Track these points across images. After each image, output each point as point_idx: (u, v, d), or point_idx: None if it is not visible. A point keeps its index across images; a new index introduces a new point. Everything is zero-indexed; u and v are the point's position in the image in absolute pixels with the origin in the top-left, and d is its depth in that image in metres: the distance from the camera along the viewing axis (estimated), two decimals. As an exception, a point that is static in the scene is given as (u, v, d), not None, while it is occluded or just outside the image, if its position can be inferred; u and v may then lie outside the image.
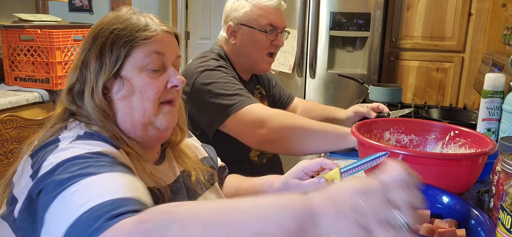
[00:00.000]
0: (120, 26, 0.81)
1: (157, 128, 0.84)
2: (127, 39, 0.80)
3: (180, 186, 0.90)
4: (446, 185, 0.83)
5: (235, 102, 1.29)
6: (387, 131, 1.10)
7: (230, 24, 1.47)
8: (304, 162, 0.98)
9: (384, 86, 2.01)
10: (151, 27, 0.82)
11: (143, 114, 0.82)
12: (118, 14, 0.84)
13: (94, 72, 0.79)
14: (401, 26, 2.74)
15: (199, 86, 1.34)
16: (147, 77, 0.81)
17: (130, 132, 0.83)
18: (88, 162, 0.66)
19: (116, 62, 0.79)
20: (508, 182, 0.67)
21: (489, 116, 1.20)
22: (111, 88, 0.80)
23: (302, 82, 2.78)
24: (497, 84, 1.18)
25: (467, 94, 2.68)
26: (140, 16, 0.84)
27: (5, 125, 1.11)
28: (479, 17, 2.58)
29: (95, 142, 0.73)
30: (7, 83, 2.16)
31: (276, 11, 1.47)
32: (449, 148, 1.04)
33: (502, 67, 1.69)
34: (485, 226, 0.72)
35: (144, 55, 0.80)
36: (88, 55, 0.80)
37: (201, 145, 1.10)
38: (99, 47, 0.80)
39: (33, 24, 2.12)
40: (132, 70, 0.80)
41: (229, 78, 1.36)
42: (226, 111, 1.29)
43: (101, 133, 0.77)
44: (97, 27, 0.83)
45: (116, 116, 0.82)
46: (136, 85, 0.80)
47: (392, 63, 2.81)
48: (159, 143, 0.91)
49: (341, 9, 2.64)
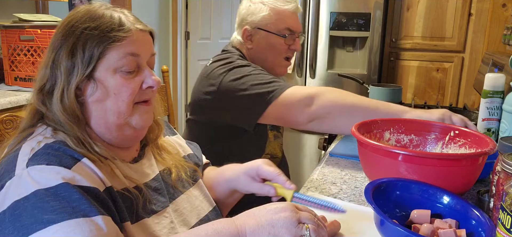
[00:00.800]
0: (93, 24, 0.77)
1: (133, 127, 0.82)
2: (100, 40, 0.76)
3: (159, 185, 0.87)
4: (446, 185, 0.83)
5: (274, 88, 1.27)
6: (387, 131, 1.10)
7: (246, 27, 1.45)
8: (262, 166, 0.92)
9: (384, 86, 2.01)
10: (125, 26, 0.79)
11: (118, 116, 0.80)
12: (90, 9, 0.80)
13: (66, 72, 0.76)
14: (401, 26, 2.73)
15: (228, 84, 1.30)
16: (121, 78, 0.78)
17: (104, 134, 0.81)
18: (43, 207, 0.64)
19: (89, 63, 0.76)
20: (508, 182, 0.67)
21: (489, 116, 1.20)
22: (84, 90, 0.77)
23: (302, 82, 2.78)
24: (497, 84, 1.18)
25: (467, 94, 2.68)
26: (113, 13, 0.80)
27: (5, 125, 1.11)
28: (479, 17, 2.58)
29: (51, 168, 0.68)
30: (7, 83, 2.16)
31: (293, 15, 1.47)
32: (449, 148, 1.04)
33: (502, 67, 1.69)
34: (485, 226, 0.72)
35: (119, 57, 0.77)
36: (59, 54, 0.77)
37: (186, 143, 1.09)
38: (70, 46, 0.76)
39: (33, 24, 2.12)
40: (105, 72, 0.77)
41: (260, 70, 1.34)
42: (267, 98, 1.26)
43: (66, 142, 0.74)
44: (68, 24, 0.78)
45: (89, 119, 0.79)
46: (110, 87, 0.78)
47: (392, 63, 2.81)
48: (136, 142, 0.89)
49: (341, 9, 2.64)
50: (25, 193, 0.65)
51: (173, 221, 0.85)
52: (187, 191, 0.94)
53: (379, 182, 0.83)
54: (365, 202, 0.97)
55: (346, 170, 1.19)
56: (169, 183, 0.91)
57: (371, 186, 0.80)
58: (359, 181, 1.10)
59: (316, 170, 1.20)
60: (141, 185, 0.81)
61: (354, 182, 1.10)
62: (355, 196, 1.01)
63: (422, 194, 0.83)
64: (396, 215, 0.82)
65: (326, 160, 1.28)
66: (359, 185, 1.08)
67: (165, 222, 0.83)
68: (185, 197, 0.93)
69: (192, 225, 0.89)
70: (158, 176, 0.89)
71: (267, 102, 1.26)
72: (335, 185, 1.07)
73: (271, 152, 1.53)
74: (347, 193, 1.02)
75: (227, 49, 1.50)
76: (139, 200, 0.79)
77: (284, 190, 0.87)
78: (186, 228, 0.88)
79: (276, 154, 1.55)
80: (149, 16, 3.49)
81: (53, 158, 0.70)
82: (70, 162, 0.71)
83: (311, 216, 0.71)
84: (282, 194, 0.87)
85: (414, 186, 0.84)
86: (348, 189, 1.05)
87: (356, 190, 1.05)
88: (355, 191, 1.04)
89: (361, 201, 0.98)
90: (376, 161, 0.91)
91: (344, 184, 1.09)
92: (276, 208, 0.71)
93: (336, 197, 1.00)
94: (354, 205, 0.95)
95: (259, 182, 0.92)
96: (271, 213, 0.70)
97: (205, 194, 0.99)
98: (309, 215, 0.71)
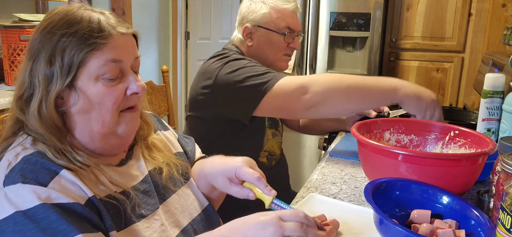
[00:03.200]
0: (70, 30, 0.73)
1: (119, 136, 0.80)
2: (79, 47, 0.72)
3: (148, 187, 0.84)
4: (446, 185, 0.83)
5: (269, 79, 1.28)
6: (387, 131, 1.10)
7: (247, 25, 1.47)
8: (242, 168, 0.85)
9: (384, 86, 2.01)
10: (105, 31, 0.74)
11: (102, 125, 0.77)
12: (67, 12, 0.75)
13: (44, 81, 0.72)
14: (401, 26, 2.74)
15: (224, 77, 1.31)
16: (104, 86, 0.75)
17: (87, 143, 0.78)
18: (17, 232, 0.63)
19: (69, 72, 0.72)
20: (508, 182, 0.67)
21: (489, 116, 1.20)
22: (66, 99, 0.74)
23: (302, 82, 2.78)
24: (497, 84, 1.18)
25: (467, 94, 2.68)
26: (92, 14, 0.75)
27: (5, 125, 1.11)
28: (479, 17, 2.58)
29: (27, 188, 0.66)
30: (7, 83, 2.16)
31: (293, 14, 1.50)
32: (449, 148, 1.04)
33: (502, 67, 1.69)
34: (485, 227, 0.72)
35: (100, 64, 0.73)
36: (36, 62, 0.73)
37: (180, 137, 1.06)
38: (49, 53, 0.72)
39: (33, 24, 2.12)
40: (87, 80, 0.73)
41: (255, 62, 1.36)
42: (262, 89, 1.27)
43: (45, 153, 0.71)
44: (45, 28, 0.74)
45: (73, 128, 0.76)
46: (92, 97, 0.74)
47: (392, 63, 2.81)
48: (122, 150, 0.86)
49: (341, 9, 2.64)
50: (4, 215, 0.65)
51: (163, 224, 0.83)
52: (179, 190, 0.92)
53: (379, 182, 0.83)
54: (365, 202, 0.97)
55: (346, 170, 1.19)
56: (160, 182, 0.88)
57: (371, 185, 0.80)
58: (359, 181, 1.10)
59: (316, 170, 1.20)
60: (128, 189, 0.78)
61: (354, 182, 1.10)
62: (355, 196, 1.01)
63: (422, 194, 0.83)
64: (396, 215, 0.82)
65: (326, 160, 1.28)
66: (359, 185, 1.08)
67: (155, 225, 0.81)
68: (177, 197, 0.90)
69: (183, 226, 0.87)
70: (147, 177, 0.86)
71: (262, 93, 1.27)
72: (335, 185, 1.07)
73: (269, 150, 1.53)
74: (347, 193, 1.02)
75: (226, 47, 1.52)
76: (127, 205, 0.76)
77: (263, 195, 0.82)
78: (177, 230, 0.85)
79: (274, 151, 1.56)
80: (149, 16, 3.49)
81: (29, 175, 0.68)
82: (47, 177, 0.68)
83: (296, 226, 0.67)
84: (262, 198, 0.83)
85: (414, 186, 0.84)
86: (348, 189, 1.05)
87: (356, 190, 1.05)
88: (355, 191, 1.04)
89: (361, 201, 0.98)
90: (376, 161, 0.91)
91: (344, 184, 1.09)
92: (259, 223, 0.68)
93: (336, 197, 1.00)
94: (354, 205, 0.95)
95: (237, 183, 0.86)
96: (253, 230, 0.68)
97: (197, 192, 0.96)
98: (295, 225, 0.68)
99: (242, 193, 0.85)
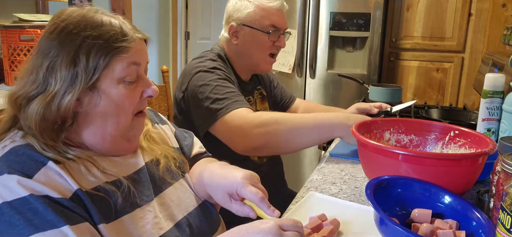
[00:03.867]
0: (94, 32, 0.74)
1: (129, 139, 0.82)
2: (106, 50, 0.74)
3: (143, 176, 0.84)
4: (446, 185, 0.83)
5: (222, 107, 1.29)
6: (387, 131, 1.10)
7: (232, 24, 1.47)
8: (244, 187, 0.81)
9: (384, 86, 2.01)
10: (128, 35, 0.77)
11: (116, 128, 0.78)
12: (85, 15, 0.76)
13: (63, 81, 0.72)
14: (401, 26, 2.74)
15: (193, 87, 1.35)
16: (125, 89, 0.77)
17: (95, 144, 0.78)
18: (5, 223, 0.63)
19: (94, 73, 0.73)
20: (508, 182, 0.67)
21: (489, 116, 1.20)
22: (86, 100, 0.75)
23: (302, 82, 2.78)
24: (497, 84, 1.18)
25: (467, 94, 2.68)
26: (111, 20, 0.77)
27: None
28: (479, 17, 2.58)
29: (12, 178, 0.66)
30: (7, 83, 2.16)
31: (278, 12, 1.48)
32: (449, 148, 1.04)
33: (502, 67, 1.70)
34: (486, 228, 0.73)
35: (123, 67, 0.76)
36: (54, 61, 0.72)
37: (178, 132, 1.06)
38: (72, 54, 0.72)
39: (33, 24, 2.12)
40: (110, 82, 0.75)
41: (220, 81, 1.35)
42: (214, 115, 1.29)
43: (33, 145, 0.71)
44: (64, 29, 0.74)
45: (80, 129, 0.76)
46: (113, 98, 0.76)
47: (392, 63, 2.81)
48: (125, 153, 0.85)
49: (341, 9, 2.64)
50: None
51: (157, 216, 0.82)
52: (175, 182, 0.91)
53: (380, 180, 0.83)
54: (365, 202, 0.97)
55: (346, 170, 1.19)
56: (157, 174, 0.87)
57: (373, 183, 0.80)
58: (359, 181, 1.10)
59: (316, 170, 1.20)
60: (121, 178, 0.78)
61: (354, 182, 1.10)
62: (355, 196, 1.01)
63: (424, 193, 0.83)
64: (397, 214, 0.82)
65: (326, 160, 1.28)
66: (359, 185, 1.08)
67: (149, 216, 0.80)
68: (173, 190, 0.90)
69: (177, 220, 0.86)
70: (144, 168, 0.86)
71: (213, 119, 1.30)
72: (335, 185, 1.07)
73: None
74: (347, 193, 1.03)
75: (213, 47, 1.53)
76: (118, 196, 0.76)
77: (265, 215, 0.78)
78: (171, 223, 0.84)
79: None
80: (149, 16, 3.49)
81: (15, 165, 0.67)
82: (33, 168, 0.68)
83: (296, 236, 0.68)
84: (263, 217, 0.79)
85: (415, 184, 0.84)
86: (348, 189, 1.05)
87: (356, 190, 1.05)
88: (355, 191, 1.04)
89: (361, 201, 0.98)
90: (376, 161, 0.91)
91: (344, 184, 1.09)
92: (260, 232, 0.68)
93: (336, 197, 1.00)
94: (354, 204, 0.95)
95: (238, 200, 0.84)
96: (257, 235, 0.68)
97: (191, 187, 0.95)
98: (294, 235, 0.68)
99: (242, 211, 0.83)
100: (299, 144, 1.29)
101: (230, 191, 0.84)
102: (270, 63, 1.53)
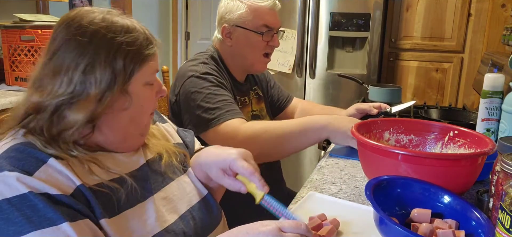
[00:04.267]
0: (128, 38, 0.77)
1: (142, 137, 0.86)
2: (139, 56, 0.79)
3: (145, 172, 0.85)
4: (446, 185, 0.84)
5: (214, 117, 1.29)
6: (387, 131, 1.10)
7: (225, 25, 1.46)
8: (236, 161, 0.84)
9: (383, 86, 2.01)
10: (152, 42, 0.83)
11: (138, 127, 0.83)
12: (112, 20, 0.78)
13: (101, 82, 0.74)
14: (401, 27, 2.74)
15: (185, 93, 1.36)
16: (148, 91, 0.83)
17: (108, 142, 0.81)
18: (4, 220, 0.63)
19: (130, 76, 0.78)
20: (507, 182, 0.68)
21: (489, 116, 1.20)
22: (118, 102, 0.77)
23: (302, 82, 2.79)
24: (496, 84, 1.18)
25: (466, 94, 2.69)
26: (136, 25, 0.81)
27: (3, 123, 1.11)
28: (479, 17, 2.58)
29: (13, 176, 0.65)
30: (8, 83, 2.16)
31: (271, 11, 1.47)
32: (449, 148, 1.04)
33: (501, 67, 1.70)
34: (485, 228, 0.73)
35: (150, 73, 0.82)
36: (91, 64, 0.74)
37: (179, 130, 1.08)
38: (109, 57, 0.75)
39: (34, 25, 2.13)
40: (138, 85, 0.80)
41: (212, 88, 1.34)
42: (205, 124, 1.30)
43: (34, 144, 0.71)
44: (96, 32, 0.75)
45: (102, 127, 0.78)
46: (140, 100, 0.81)
47: (391, 63, 2.81)
48: (134, 150, 0.87)
49: (341, 9, 2.64)
50: None
51: (160, 210, 0.83)
52: (178, 177, 0.93)
53: (380, 179, 0.83)
54: (364, 202, 0.97)
55: (346, 170, 1.19)
56: (159, 170, 0.89)
57: (372, 183, 0.80)
58: (359, 181, 1.11)
59: (316, 170, 1.20)
60: (124, 175, 0.79)
61: (354, 182, 1.10)
62: (354, 196, 1.01)
63: (423, 193, 0.83)
64: (396, 213, 0.82)
65: (326, 160, 1.28)
66: (359, 185, 1.08)
67: (151, 210, 0.81)
68: (176, 184, 0.91)
69: (182, 213, 0.87)
70: (145, 164, 0.87)
71: (203, 128, 1.30)
72: (335, 185, 1.08)
73: None
74: (347, 193, 1.03)
75: (207, 49, 1.53)
76: (121, 193, 0.76)
77: (255, 189, 0.82)
78: (176, 216, 0.86)
79: None
80: (149, 16, 3.49)
81: (15, 162, 0.68)
82: (34, 166, 0.68)
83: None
84: (253, 193, 0.83)
85: (415, 184, 0.84)
86: (348, 189, 1.06)
87: (356, 190, 1.05)
88: (355, 191, 1.04)
89: (360, 201, 0.99)
90: (376, 161, 0.91)
91: (344, 184, 1.09)
92: (259, 234, 0.69)
93: (335, 197, 1.00)
94: (354, 204, 0.95)
95: (231, 175, 0.87)
96: (258, 234, 0.68)
97: (196, 182, 0.97)
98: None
99: (234, 186, 0.86)
100: (290, 149, 1.31)
101: (224, 167, 0.87)
102: (264, 63, 1.52)
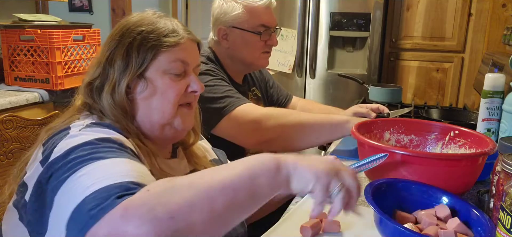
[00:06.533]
0: (148, 28, 0.84)
1: (174, 128, 0.88)
2: (155, 43, 0.83)
3: None
4: (446, 185, 0.83)
5: (225, 105, 1.28)
6: (387, 131, 1.10)
7: (221, 27, 1.44)
8: None
9: (384, 86, 2.01)
10: (177, 33, 0.86)
11: (162, 116, 0.86)
12: (144, 16, 0.87)
13: (119, 70, 0.82)
14: (401, 26, 2.74)
15: None
16: (169, 80, 0.85)
17: (147, 130, 0.86)
18: (97, 148, 0.68)
19: (142, 63, 0.83)
20: (508, 182, 0.67)
21: (489, 116, 1.20)
22: (134, 87, 0.84)
23: (302, 82, 2.78)
24: (497, 84, 1.18)
25: (467, 94, 2.68)
26: (166, 20, 0.87)
27: (5, 125, 1.11)
28: (479, 17, 2.58)
29: (104, 129, 0.75)
30: (7, 83, 2.16)
31: (267, 10, 1.45)
32: (449, 148, 1.04)
33: (502, 67, 1.70)
34: (486, 227, 0.72)
35: (169, 61, 0.84)
36: (113, 53, 0.83)
37: (212, 149, 1.11)
38: (125, 46, 0.82)
39: (33, 24, 2.12)
40: (155, 73, 0.84)
41: (216, 81, 1.33)
42: (218, 114, 1.28)
43: (112, 125, 0.79)
44: (124, 27, 0.85)
45: (135, 114, 0.85)
46: (158, 87, 0.84)
47: (392, 63, 2.81)
48: (173, 142, 0.95)
49: (341, 9, 2.64)
50: (79, 141, 0.70)
51: None
52: None
53: (379, 183, 0.83)
54: (365, 202, 0.97)
55: (346, 170, 1.19)
56: None
57: (371, 186, 0.80)
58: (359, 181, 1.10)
59: (316, 170, 1.19)
60: None
61: (354, 182, 1.10)
62: (355, 196, 1.01)
63: (422, 195, 0.83)
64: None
65: (326, 160, 1.27)
66: (359, 185, 1.08)
67: None
68: None
69: None
70: (192, 172, 0.90)
71: (216, 119, 1.28)
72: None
73: None
74: (347, 193, 1.02)
75: (203, 50, 1.51)
76: None
77: None
78: None
79: None
80: (149, 16, 3.49)
81: (106, 129, 0.76)
82: (122, 136, 0.77)
83: (351, 182, 0.68)
84: None
85: (414, 186, 0.84)
86: (348, 189, 1.05)
87: (356, 190, 1.05)
88: (355, 191, 1.04)
89: (361, 201, 0.98)
90: (376, 161, 0.91)
91: (344, 184, 1.08)
92: (319, 158, 0.69)
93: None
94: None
95: None
96: (317, 160, 0.68)
97: None
98: (350, 181, 0.68)
99: None
100: (311, 141, 1.31)
101: None
102: (265, 58, 1.51)
